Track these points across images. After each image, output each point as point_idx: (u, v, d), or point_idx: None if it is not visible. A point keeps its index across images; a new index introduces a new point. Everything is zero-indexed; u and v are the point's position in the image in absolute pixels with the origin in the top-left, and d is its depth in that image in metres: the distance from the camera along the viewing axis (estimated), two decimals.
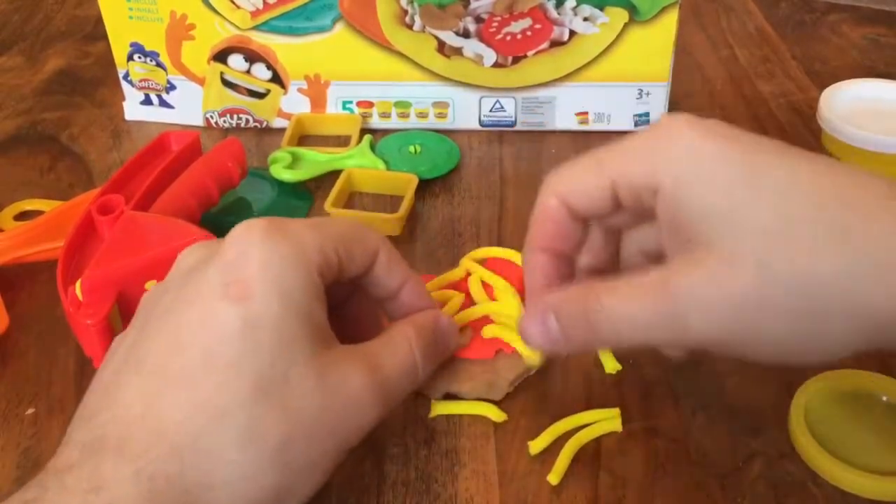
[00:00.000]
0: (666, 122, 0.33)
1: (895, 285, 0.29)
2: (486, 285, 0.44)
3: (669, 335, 0.32)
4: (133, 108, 0.62)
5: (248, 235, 0.32)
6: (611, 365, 0.41)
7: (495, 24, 0.55)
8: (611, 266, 0.37)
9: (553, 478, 0.36)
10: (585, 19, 0.55)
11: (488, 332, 0.42)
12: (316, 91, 0.59)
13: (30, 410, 0.41)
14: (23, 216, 0.53)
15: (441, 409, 0.40)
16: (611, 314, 0.32)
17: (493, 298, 0.44)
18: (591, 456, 0.38)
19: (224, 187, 0.49)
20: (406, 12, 0.55)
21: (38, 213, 0.53)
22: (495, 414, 0.39)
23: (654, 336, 0.32)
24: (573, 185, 0.35)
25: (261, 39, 0.57)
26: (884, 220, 0.29)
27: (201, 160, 0.49)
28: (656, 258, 0.34)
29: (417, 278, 0.38)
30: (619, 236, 0.37)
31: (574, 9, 0.55)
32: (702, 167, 0.31)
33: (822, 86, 0.65)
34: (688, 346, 0.32)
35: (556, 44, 0.56)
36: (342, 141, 0.58)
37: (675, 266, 0.31)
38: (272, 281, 0.31)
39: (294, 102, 0.60)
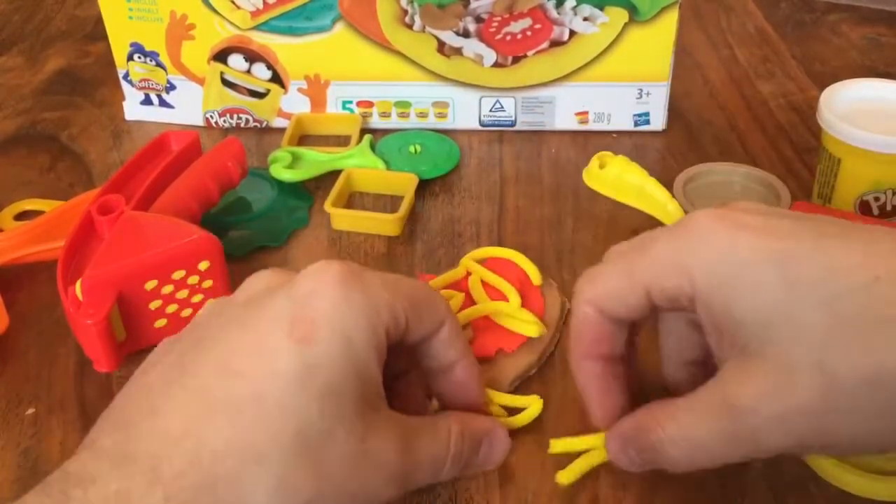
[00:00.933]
0: (693, 222, 0.32)
1: None
2: (486, 285, 0.44)
3: (742, 452, 0.31)
4: (133, 108, 0.62)
5: (324, 275, 0.31)
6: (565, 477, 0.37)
7: (495, 24, 0.55)
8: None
9: (564, 478, 0.36)
10: (585, 19, 0.55)
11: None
12: (316, 91, 0.59)
13: (30, 410, 0.41)
14: (23, 216, 0.53)
15: None
16: (677, 442, 0.31)
17: (493, 298, 0.44)
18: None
19: (224, 187, 0.49)
20: (406, 12, 0.55)
21: (38, 213, 0.53)
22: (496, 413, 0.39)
23: (727, 455, 0.31)
24: (606, 293, 0.33)
25: (261, 39, 0.57)
26: None
27: (201, 160, 0.49)
28: (700, 367, 0.35)
29: (473, 359, 0.36)
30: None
31: (574, 9, 0.55)
32: (736, 271, 0.30)
33: (822, 86, 0.64)
34: (766, 456, 0.31)
35: (556, 44, 0.56)
36: (342, 141, 0.58)
37: (731, 379, 0.30)
38: (339, 329, 0.30)
39: (294, 102, 0.60)
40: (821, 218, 0.31)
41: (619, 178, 0.53)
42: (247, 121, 0.61)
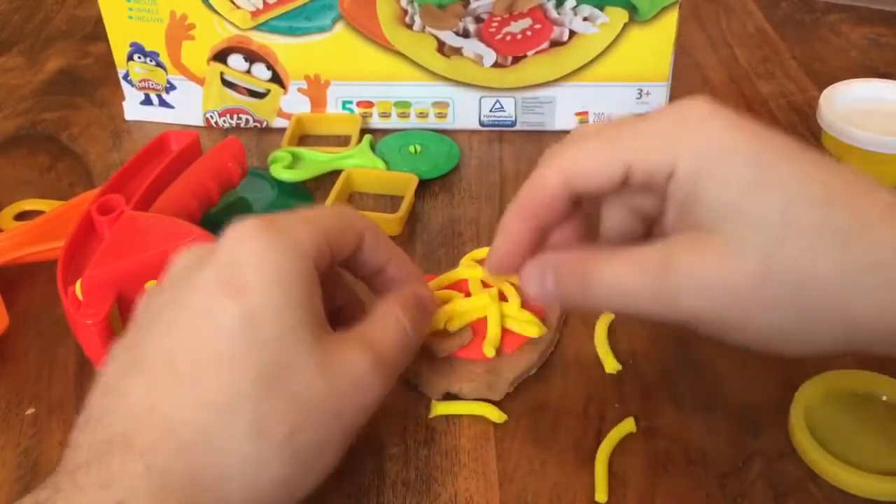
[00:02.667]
0: (688, 108, 0.33)
1: (882, 297, 0.30)
2: (486, 285, 0.44)
3: (660, 309, 0.33)
4: (133, 108, 0.62)
5: (240, 233, 0.33)
6: (611, 365, 0.41)
7: (495, 24, 0.55)
8: (582, 241, 0.38)
9: (600, 496, 0.36)
10: (585, 19, 0.55)
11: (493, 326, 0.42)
12: (316, 91, 0.59)
13: (30, 410, 0.41)
14: (23, 216, 0.53)
15: (441, 409, 0.40)
16: (607, 283, 0.33)
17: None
18: (591, 456, 0.38)
19: (224, 187, 0.49)
20: (406, 12, 0.55)
21: (38, 213, 0.53)
22: (495, 415, 0.39)
23: (645, 308, 0.33)
24: (582, 165, 0.34)
25: (261, 39, 0.57)
26: (882, 231, 0.30)
27: (201, 160, 0.49)
28: (641, 226, 0.36)
29: (401, 253, 0.39)
30: (597, 210, 0.37)
31: (574, 9, 0.55)
32: (720, 160, 0.32)
33: (822, 86, 0.65)
34: (675, 321, 0.33)
35: (555, 44, 0.56)
36: (342, 141, 0.58)
37: (679, 245, 0.32)
38: (269, 273, 0.32)
39: (294, 102, 0.60)
40: (802, 144, 0.33)
41: None
42: (247, 121, 0.61)
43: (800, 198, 0.31)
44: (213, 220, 0.50)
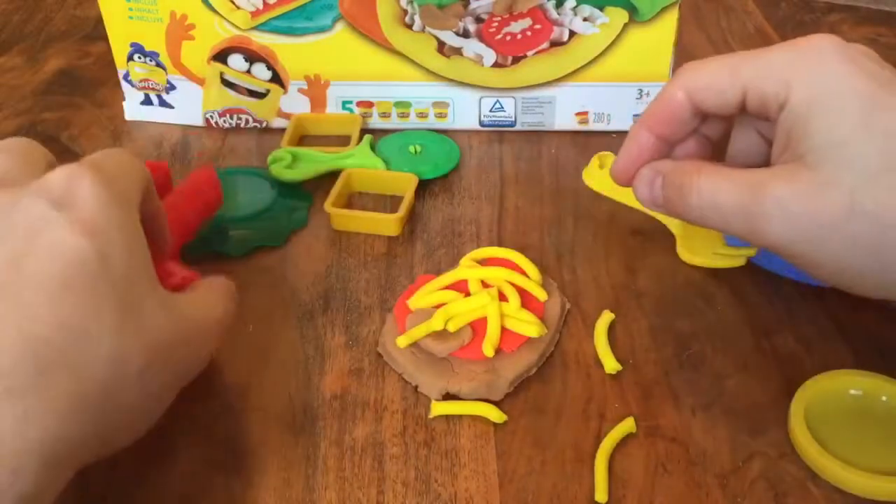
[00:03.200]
0: (812, 41, 0.35)
1: None
2: (486, 285, 0.44)
3: (748, 231, 0.34)
4: (133, 108, 0.62)
5: (75, 174, 0.33)
6: (611, 365, 0.41)
7: (495, 25, 0.55)
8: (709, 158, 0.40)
9: (600, 496, 0.36)
10: (585, 19, 0.55)
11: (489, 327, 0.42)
12: (316, 91, 0.59)
13: None
14: None
15: (441, 409, 0.40)
16: (705, 195, 0.35)
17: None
18: (590, 456, 0.38)
19: (203, 218, 0.48)
20: (406, 12, 0.55)
21: None
22: (495, 415, 0.39)
23: (735, 227, 0.35)
24: (705, 82, 0.37)
25: (261, 39, 0.57)
26: None
27: (179, 191, 0.46)
28: (766, 154, 0.38)
29: (163, 212, 0.40)
30: (726, 133, 0.39)
31: (574, 9, 0.55)
32: (831, 96, 0.33)
33: None
34: (759, 244, 0.35)
35: (555, 44, 0.56)
36: (342, 141, 0.58)
37: (777, 172, 0.34)
38: (114, 218, 0.33)
39: (294, 102, 0.60)
40: None
41: None
42: (247, 121, 0.61)
43: None
44: (212, 220, 0.50)
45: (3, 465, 0.28)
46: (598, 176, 0.53)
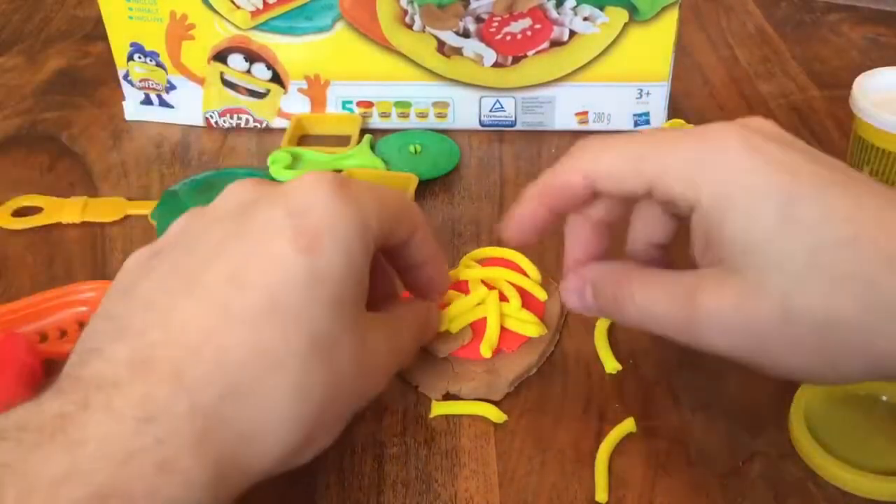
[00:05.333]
0: (716, 137, 0.33)
1: None
2: (487, 286, 0.44)
3: (688, 340, 0.33)
4: (133, 108, 0.62)
5: (317, 186, 0.32)
6: (611, 365, 0.41)
7: (495, 24, 0.55)
8: (606, 241, 0.39)
9: (600, 496, 0.36)
10: (585, 19, 0.55)
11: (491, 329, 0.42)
12: (316, 91, 0.59)
13: None
14: (21, 212, 0.54)
15: (441, 409, 0.40)
16: (639, 306, 0.35)
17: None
18: (590, 456, 0.38)
19: (32, 387, 0.40)
20: (406, 12, 0.55)
21: (37, 209, 0.53)
22: (495, 415, 0.39)
23: (674, 335, 0.34)
24: (607, 170, 0.35)
25: (261, 39, 0.57)
26: None
27: None
28: (661, 250, 0.38)
29: (441, 255, 0.39)
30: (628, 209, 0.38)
31: (574, 9, 0.55)
32: (743, 196, 0.31)
33: (822, 86, 0.65)
34: (702, 350, 0.34)
35: (556, 44, 0.56)
36: (342, 141, 0.58)
37: (704, 280, 0.33)
38: (340, 238, 0.31)
39: (294, 102, 0.60)
40: (826, 160, 0.33)
41: None
42: (247, 121, 0.61)
43: (824, 239, 0.30)
44: None
45: (179, 477, 0.27)
46: None
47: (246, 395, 0.29)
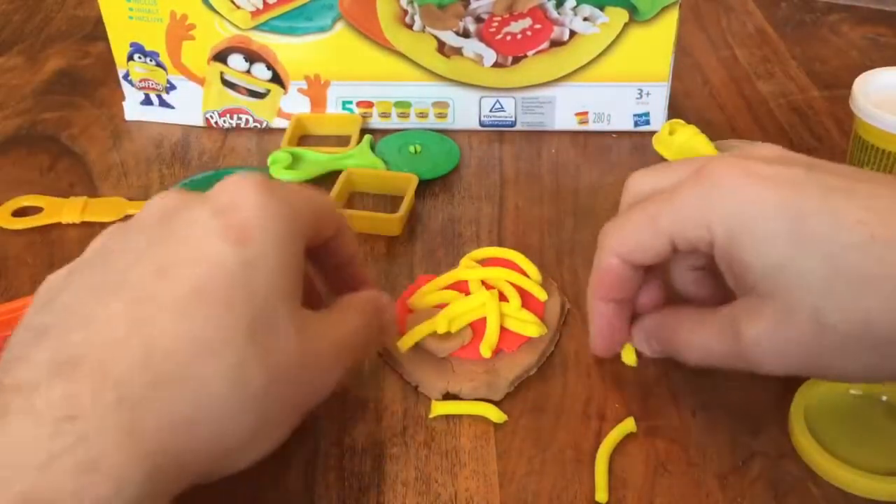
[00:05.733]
0: (714, 173, 0.34)
1: None
2: (486, 285, 0.44)
3: (746, 367, 0.35)
4: (133, 108, 0.62)
5: (242, 185, 0.33)
6: (630, 357, 0.41)
7: (495, 24, 0.55)
8: (666, 299, 0.40)
9: (600, 496, 0.36)
10: (585, 19, 0.55)
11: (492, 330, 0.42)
12: (316, 91, 0.59)
13: None
14: (21, 212, 0.54)
15: (441, 409, 0.40)
16: (693, 349, 0.37)
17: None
18: (591, 456, 0.38)
19: None
20: (406, 12, 0.55)
21: (37, 209, 0.53)
22: (495, 415, 0.39)
23: (734, 366, 0.35)
24: (633, 244, 0.36)
25: (261, 39, 0.57)
26: None
27: None
28: (706, 273, 0.39)
29: (360, 256, 0.40)
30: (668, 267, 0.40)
31: (574, 9, 0.55)
32: (752, 223, 0.33)
33: (822, 86, 0.65)
34: (762, 374, 0.35)
35: (556, 44, 0.56)
36: (342, 141, 0.58)
37: (742, 313, 0.34)
38: (270, 229, 0.32)
39: (294, 102, 0.60)
40: (829, 167, 0.34)
41: (685, 145, 0.53)
42: (247, 121, 0.61)
43: (840, 245, 0.31)
44: None
45: (107, 475, 0.26)
46: (666, 141, 0.53)
47: (177, 382, 0.28)
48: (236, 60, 0.58)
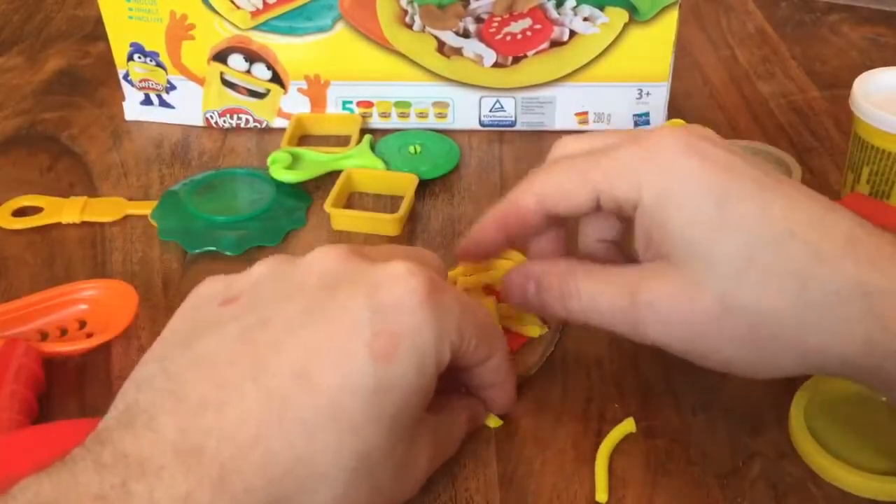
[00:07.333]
0: (655, 137, 0.34)
1: (837, 329, 0.31)
2: (486, 286, 0.44)
3: (629, 333, 0.35)
4: (133, 108, 0.62)
5: (408, 283, 0.31)
6: (494, 420, 0.39)
7: (495, 25, 0.55)
8: (561, 251, 0.40)
9: (600, 496, 0.36)
10: (585, 19, 0.55)
11: None
12: (316, 91, 0.59)
13: None
14: (21, 212, 0.54)
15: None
16: (584, 300, 0.35)
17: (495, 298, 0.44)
18: (590, 456, 0.38)
19: (36, 390, 0.41)
20: (406, 12, 0.55)
21: (37, 209, 0.53)
22: (492, 420, 0.39)
23: (616, 328, 0.35)
24: (556, 190, 0.36)
25: (261, 39, 0.57)
26: (840, 266, 0.31)
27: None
28: (613, 246, 0.39)
29: (512, 384, 0.38)
30: (573, 225, 0.39)
31: (574, 9, 0.55)
32: (680, 192, 0.33)
33: (822, 86, 0.65)
34: (641, 342, 0.35)
35: (556, 44, 0.56)
36: (342, 141, 0.58)
37: (646, 274, 0.34)
38: (418, 349, 0.30)
39: (294, 102, 0.60)
40: (766, 167, 0.34)
41: None
42: (247, 121, 0.61)
43: (760, 236, 0.32)
44: (209, 221, 0.50)
45: None
46: None
47: (286, 502, 0.28)
48: (236, 60, 0.58)
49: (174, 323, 0.32)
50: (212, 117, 0.61)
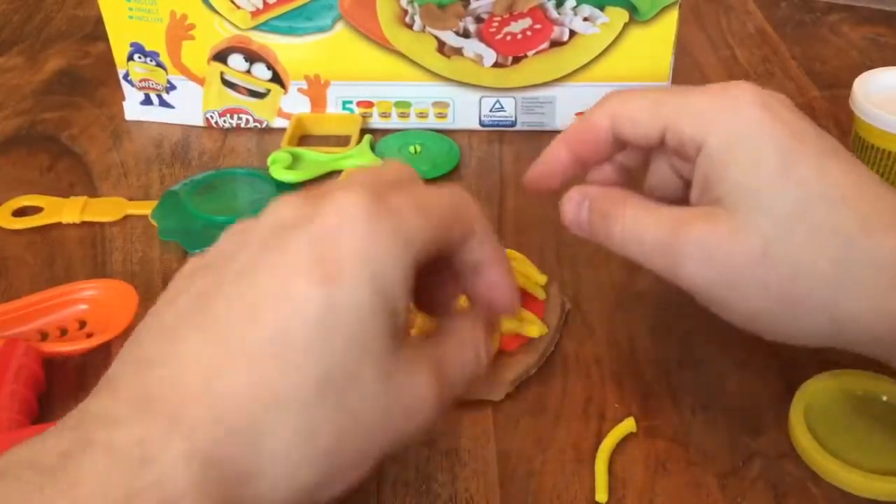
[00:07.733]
0: (734, 89, 0.35)
1: (868, 299, 0.32)
2: None
3: (665, 267, 0.35)
4: (133, 108, 0.62)
5: (348, 207, 0.30)
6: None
7: (495, 24, 0.55)
8: (621, 184, 0.40)
9: (600, 496, 0.36)
10: (585, 19, 0.55)
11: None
12: (316, 91, 0.59)
13: None
14: (21, 212, 0.54)
15: None
16: (627, 227, 0.36)
17: None
18: (590, 456, 0.38)
19: (36, 390, 0.41)
20: (406, 12, 0.55)
21: (37, 208, 0.53)
22: (535, 329, 0.40)
23: (653, 262, 0.35)
24: (629, 114, 0.37)
25: (261, 39, 0.57)
26: (884, 237, 0.32)
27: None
28: (682, 189, 0.38)
29: (504, 259, 0.35)
30: (643, 164, 0.40)
31: (574, 9, 0.55)
32: (748, 144, 0.34)
33: (822, 86, 0.65)
34: (675, 282, 0.35)
35: (556, 44, 0.56)
36: (342, 141, 0.58)
37: (697, 214, 0.35)
38: (367, 265, 0.29)
39: (294, 102, 0.60)
40: (833, 141, 0.36)
41: None
42: (247, 121, 0.61)
43: (814, 194, 0.33)
44: (208, 221, 0.50)
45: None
46: None
47: (245, 434, 0.28)
48: (236, 60, 0.58)
49: (160, 298, 0.32)
50: (212, 117, 0.61)
